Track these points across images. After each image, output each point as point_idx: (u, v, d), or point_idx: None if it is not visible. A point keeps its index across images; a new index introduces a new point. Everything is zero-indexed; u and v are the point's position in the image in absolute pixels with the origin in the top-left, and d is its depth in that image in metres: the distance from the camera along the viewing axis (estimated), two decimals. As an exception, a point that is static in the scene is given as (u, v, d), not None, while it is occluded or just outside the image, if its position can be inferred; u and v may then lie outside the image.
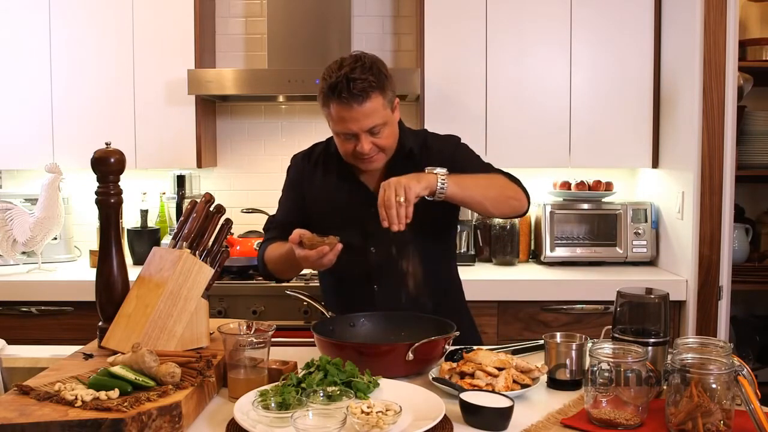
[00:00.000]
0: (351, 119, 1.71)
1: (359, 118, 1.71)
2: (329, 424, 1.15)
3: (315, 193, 1.95)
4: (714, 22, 2.67)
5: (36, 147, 3.08)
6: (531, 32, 3.03)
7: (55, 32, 3.06)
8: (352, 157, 1.80)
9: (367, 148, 1.74)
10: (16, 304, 2.81)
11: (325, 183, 1.94)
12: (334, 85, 1.70)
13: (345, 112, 1.70)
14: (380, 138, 1.76)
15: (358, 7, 3.34)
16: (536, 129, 3.05)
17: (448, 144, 1.96)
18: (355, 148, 1.75)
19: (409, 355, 1.47)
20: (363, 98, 1.69)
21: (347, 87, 1.68)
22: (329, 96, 1.71)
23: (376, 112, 1.72)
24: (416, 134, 1.98)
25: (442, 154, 1.89)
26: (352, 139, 1.75)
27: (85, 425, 1.13)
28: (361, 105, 1.69)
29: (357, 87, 1.68)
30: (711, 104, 2.68)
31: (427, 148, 1.92)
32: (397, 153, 1.87)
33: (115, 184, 1.56)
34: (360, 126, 1.72)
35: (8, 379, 1.60)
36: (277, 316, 2.75)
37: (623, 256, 3.09)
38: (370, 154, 1.76)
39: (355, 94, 1.68)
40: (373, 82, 1.70)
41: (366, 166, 1.82)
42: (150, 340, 1.46)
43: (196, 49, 3.07)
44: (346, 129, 1.73)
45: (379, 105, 1.72)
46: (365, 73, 1.70)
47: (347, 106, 1.69)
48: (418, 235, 1.79)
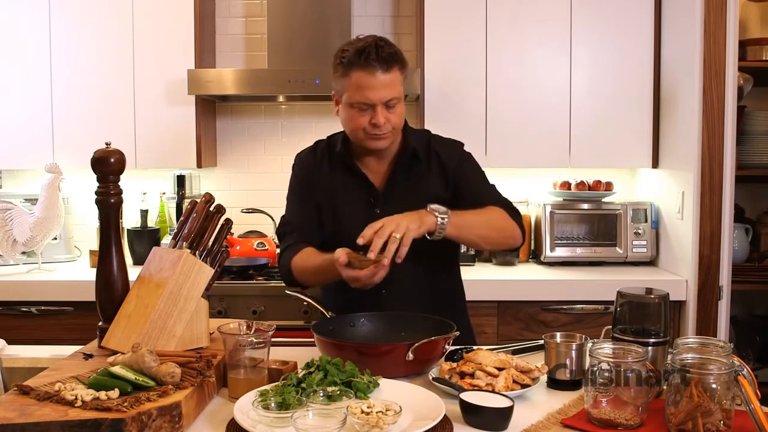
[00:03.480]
0: (371, 87, 1.73)
1: (379, 87, 1.73)
2: (329, 424, 1.15)
3: (321, 191, 1.94)
4: (714, 22, 2.67)
5: (36, 147, 3.08)
6: (531, 32, 3.03)
7: (55, 32, 3.06)
8: (363, 132, 1.79)
9: (382, 120, 1.75)
10: (16, 304, 2.81)
11: (332, 181, 1.93)
12: (362, 49, 1.72)
13: (367, 79, 1.73)
14: (394, 113, 1.78)
15: (358, 7, 3.34)
16: (536, 129, 3.05)
17: (455, 152, 1.96)
18: (370, 121, 1.77)
19: (409, 355, 1.47)
20: (388, 66, 1.73)
21: (376, 51, 1.71)
22: (354, 62, 1.73)
23: (395, 85, 1.76)
24: (419, 134, 1.99)
25: (448, 163, 1.92)
26: (367, 111, 1.76)
27: (85, 425, 1.13)
28: (385, 73, 1.73)
29: (385, 52, 1.73)
30: (711, 104, 2.68)
31: (433, 153, 1.93)
32: (402, 152, 1.89)
33: (115, 184, 1.56)
34: (379, 96, 1.74)
35: (8, 379, 1.60)
36: (277, 316, 2.75)
37: (623, 256, 3.09)
38: (384, 129, 1.77)
39: (383, 58, 1.72)
40: (399, 54, 1.77)
41: (375, 144, 1.81)
42: (150, 340, 1.46)
43: (196, 49, 3.07)
44: (364, 98, 1.74)
45: (398, 79, 1.77)
46: (392, 46, 1.77)
47: (371, 73, 1.72)
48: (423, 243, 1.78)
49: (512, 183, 3.34)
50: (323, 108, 3.43)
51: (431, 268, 1.91)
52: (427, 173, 1.91)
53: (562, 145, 3.06)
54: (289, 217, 1.98)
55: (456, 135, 2.05)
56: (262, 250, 3.18)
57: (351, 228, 1.81)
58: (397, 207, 1.83)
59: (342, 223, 1.90)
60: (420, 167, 1.91)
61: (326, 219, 1.91)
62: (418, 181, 1.91)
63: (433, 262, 1.90)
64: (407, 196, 1.86)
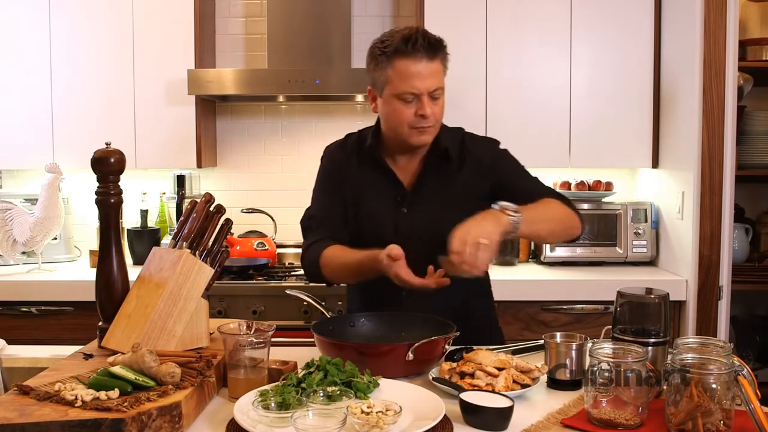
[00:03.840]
0: (418, 76, 1.69)
1: (426, 76, 1.69)
2: (329, 424, 1.15)
3: (348, 186, 1.89)
4: (714, 22, 2.67)
5: (36, 147, 3.08)
6: (531, 32, 3.04)
7: (55, 32, 3.06)
8: (407, 126, 1.74)
9: (429, 111, 1.71)
10: (16, 304, 2.81)
11: (359, 177, 1.88)
12: (408, 36, 1.69)
13: (413, 67, 1.68)
14: (438, 105, 1.74)
15: (358, 7, 3.34)
16: (536, 129, 3.05)
17: (489, 150, 1.90)
18: (416, 112, 1.72)
19: (409, 355, 1.47)
20: (434, 54, 1.70)
21: (423, 38, 1.68)
22: (400, 49, 1.69)
23: (440, 73, 1.73)
24: (453, 132, 1.92)
25: (482, 160, 1.86)
26: (413, 102, 1.71)
27: (85, 425, 1.13)
28: (431, 61, 1.70)
29: (431, 39, 1.70)
30: (711, 104, 2.68)
31: (466, 152, 1.86)
32: (433, 151, 1.84)
33: (115, 184, 1.56)
34: (426, 85, 1.69)
35: (8, 379, 1.60)
36: (277, 316, 2.75)
37: (623, 256, 3.09)
38: (430, 121, 1.73)
39: (431, 44, 1.69)
40: (443, 43, 1.74)
41: (420, 139, 1.76)
42: (150, 340, 1.46)
43: (196, 49, 3.07)
44: (411, 87, 1.69)
45: (441, 69, 1.74)
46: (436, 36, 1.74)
47: (417, 61, 1.68)
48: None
49: (512, 183, 3.34)
50: (323, 108, 3.43)
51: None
52: (457, 173, 1.85)
53: (562, 145, 3.06)
54: (314, 211, 1.92)
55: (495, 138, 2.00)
56: (262, 250, 3.18)
57: (374, 226, 1.80)
58: (423, 207, 1.82)
59: (366, 220, 1.85)
60: (450, 167, 1.85)
61: (350, 215, 1.87)
62: (447, 181, 1.85)
63: None
64: (435, 197, 1.83)
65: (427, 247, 1.71)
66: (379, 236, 1.77)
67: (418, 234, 1.79)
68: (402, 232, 1.80)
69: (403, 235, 1.79)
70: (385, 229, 1.81)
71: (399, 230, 1.81)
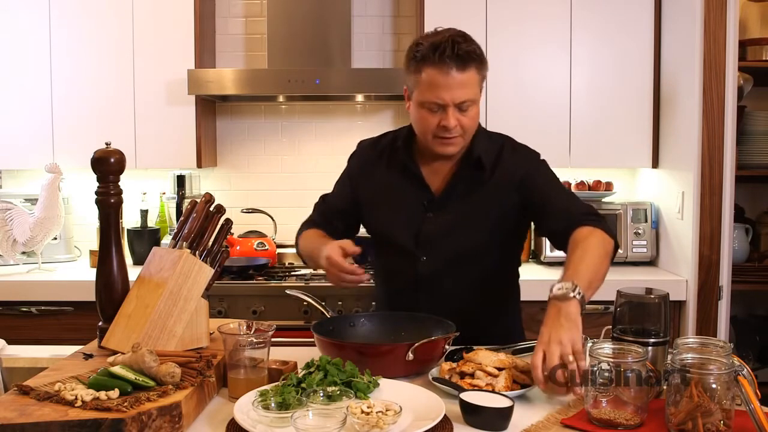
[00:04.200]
0: (445, 86, 1.62)
1: (454, 87, 1.62)
2: (329, 424, 1.15)
3: (373, 185, 1.87)
4: (714, 22, 2.67)
5: (36, 147, 3.08)
6: (531, 32, 3.04)
7: (55, 32, 3.06)
8: (431, 135, 1.70)
9: (453, 122, 1.65)
10: (16, 304, 2.81)
11: (387, 177, 1.85)
12: (437, 44, 1.61)
13: (441, 77, 1.62)
14: (467, 116, 1.67)
15: (358, 7, 3.34)
16: (536, 129, 3.05)
17: (526, 162, 1.81)
18: (440, 123, 1.66)
19: (409, 355, 1.47)
20: (464, 65, 1.62)
21: (452, 48, 1.60)
22: (428, 57, 1.62)
23: (471, 85, 1.65)
24: (493, 140, 1.84)
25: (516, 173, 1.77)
26: (438, 112, 1.66)
27: (85, 425, 1.13)
28: (460, 72, 1.62)
29: (462, 50, 1.61)
30: (711, 104, 2.68)
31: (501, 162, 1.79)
32: (465, 158, 1.78)
33: (115, 184, 1.56)
34: (452, 96, 1.63)
35: (8, 379, 1.60)
36: (277, 316, 2.75)
37: (623, 256, 3.08)
38: (453, 132, 1.67)
39: (459, 56, 1.60)
40: (477, 52, 1.65)
41: (443, 149, 1.71)
42: (150, 340, 1.46)
43: (196, 49, 3.07)
44: (436, 98, 1.64)
45: (474, 80, 1.66)
46: (471, 43, 1.65)
47: (445, 71, 1.61)
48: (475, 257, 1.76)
49: (512, 183, 3.34)
50: (323, 108, 3.43)
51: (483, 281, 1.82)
52: (488, 182, 1.78)
53: (562, 145, 3.06)
54: (328, 195, 1.98)
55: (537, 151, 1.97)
56: (262, 250, 3.18)
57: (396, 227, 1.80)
58: (449, 214, 1.78)
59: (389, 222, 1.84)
60: (482, 176, 1.78)
61: (370, 211, 1.87)
62: (477, 189, 1.78)
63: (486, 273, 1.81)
64: (462, 205, 1.78)
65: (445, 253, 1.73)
66: (403, 242, 1.76)
67: (438, 240, 1.77)
68: (425, 238, 1.78)
69: (426, 241, 1.78)
70: (408, 231, 1.79)
71: (421, 234, 1.79)
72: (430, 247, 1.77)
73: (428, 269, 1.79)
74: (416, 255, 1.79)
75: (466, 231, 1.76)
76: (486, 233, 1.77)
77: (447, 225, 1.78)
